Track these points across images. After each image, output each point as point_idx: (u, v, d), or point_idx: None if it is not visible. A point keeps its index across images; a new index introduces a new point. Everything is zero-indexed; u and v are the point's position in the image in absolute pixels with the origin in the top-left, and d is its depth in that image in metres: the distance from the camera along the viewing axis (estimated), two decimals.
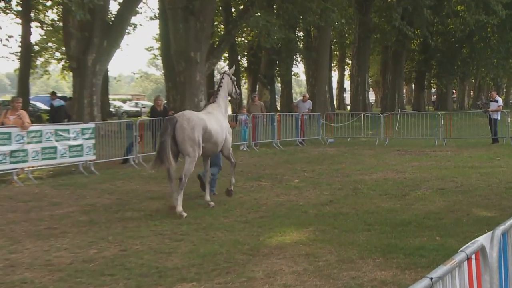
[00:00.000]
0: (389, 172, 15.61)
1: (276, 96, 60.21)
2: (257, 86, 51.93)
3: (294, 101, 44.70)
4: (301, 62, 57.06)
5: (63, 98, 32.68)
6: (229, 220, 9.82)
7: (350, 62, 65.66)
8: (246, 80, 56.27)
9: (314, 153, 21.18)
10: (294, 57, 52.58)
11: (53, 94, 29.32)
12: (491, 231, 4.15)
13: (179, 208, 10.13)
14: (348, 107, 61.19)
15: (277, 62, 49.85)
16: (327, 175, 15.35)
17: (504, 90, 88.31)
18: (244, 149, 22.32)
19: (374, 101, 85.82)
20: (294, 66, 55.80)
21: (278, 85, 63.19)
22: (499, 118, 23.40)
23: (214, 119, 11.13)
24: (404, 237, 8.42)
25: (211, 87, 47.62)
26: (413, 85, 74.35)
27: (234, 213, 10.46)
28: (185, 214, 10.06)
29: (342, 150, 22.21)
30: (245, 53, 54.29)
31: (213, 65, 30.82)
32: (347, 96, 74.11)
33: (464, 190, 12.48)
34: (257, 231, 8.98)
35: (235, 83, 12.42)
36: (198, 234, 8.85)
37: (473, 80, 79.70)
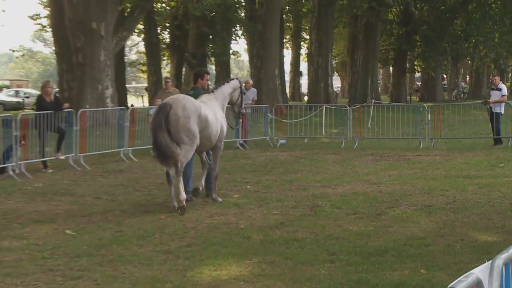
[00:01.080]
0: (359, 184, 15.78)
1: (208, 82, 60.06)
2: (183, 69, 51.75)
3: None
4: (242, 37, 57.22)
5: None
6: (145, 250, 9.78)
7: (307, 37, 66.22)
8: (169, 61, 56.08)
9: (260, 159, 21.26)
10: (233, 30, 52.66)
11: None
12: (491, 261, 4.23)
13: (182, 195, 12.38)
14: (306, 97, 61.67)
15: (210, 36, 49.79)
16: (277, 188, 15.43)
17: (510, 74, 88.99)
18: None
19: (339, 89, 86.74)
20: (233, 42, 55.91)
21: (211, 68, 63.18)
22: (502, 111, 23.47)
23: (209, 109, 13.16)
24: (379, 270, 8.53)
25: (121, 69, 47.48)
26: (391, 68, 75.51)
27: (151, 240, 10.41)
28: (184, 199, 12.40)
29: (297, 154, 22.35)
30: (167, 25, 54.09)
31: (123, 41, 30.64)
32: (304, 82, 74.68)
33: (457, 207, 12.69)
34: (183, 264, 8.97)
35: (243, 96, 14.75)
36: (102, 269, 8.78)
37: (469, 62, 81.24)
